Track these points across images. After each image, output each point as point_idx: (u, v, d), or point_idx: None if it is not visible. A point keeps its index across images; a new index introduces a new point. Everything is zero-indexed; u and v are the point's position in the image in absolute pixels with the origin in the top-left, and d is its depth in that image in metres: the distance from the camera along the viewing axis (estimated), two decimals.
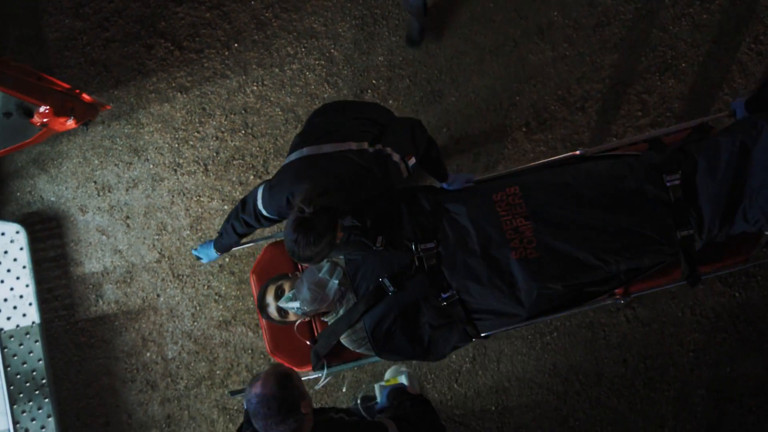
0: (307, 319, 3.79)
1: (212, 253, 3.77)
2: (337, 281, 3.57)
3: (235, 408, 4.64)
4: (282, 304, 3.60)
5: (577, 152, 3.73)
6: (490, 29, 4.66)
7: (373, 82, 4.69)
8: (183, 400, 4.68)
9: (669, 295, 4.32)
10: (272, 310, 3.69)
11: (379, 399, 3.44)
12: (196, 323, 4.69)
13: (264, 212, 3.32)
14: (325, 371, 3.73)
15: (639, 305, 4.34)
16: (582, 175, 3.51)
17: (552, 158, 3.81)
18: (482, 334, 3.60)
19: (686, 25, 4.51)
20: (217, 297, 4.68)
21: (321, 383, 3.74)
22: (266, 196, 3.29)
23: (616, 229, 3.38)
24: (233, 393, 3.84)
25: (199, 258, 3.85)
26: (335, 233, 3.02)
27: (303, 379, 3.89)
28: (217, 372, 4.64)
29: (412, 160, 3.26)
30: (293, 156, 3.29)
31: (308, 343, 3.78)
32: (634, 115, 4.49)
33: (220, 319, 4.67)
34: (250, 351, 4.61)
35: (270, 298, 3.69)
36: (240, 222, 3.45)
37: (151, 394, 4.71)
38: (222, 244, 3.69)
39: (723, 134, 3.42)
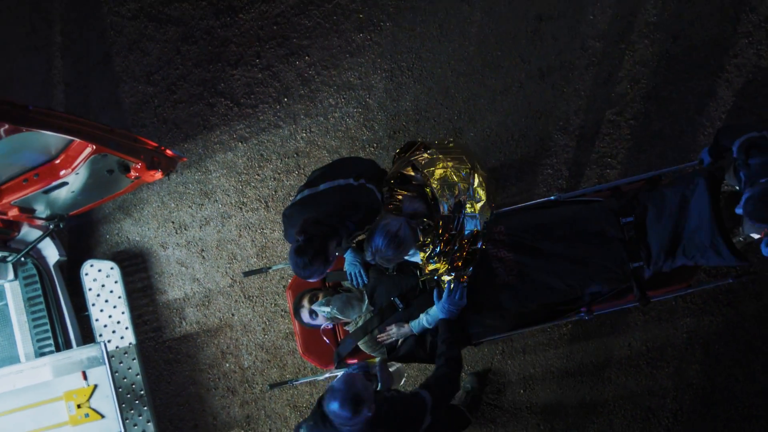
0: (330, 326, 4.65)
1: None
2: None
3: (304, 405, 5.48)
4: (315, 306, 4.46)
5: (552, 197, 4.60)
6: (499, 74, 5.55)
7: (403, 124, 5.58)
8: (259, 402, 5.53)
9: None
10: (305, 312, 4.55)
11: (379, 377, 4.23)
12: (266, 336, 5.55)
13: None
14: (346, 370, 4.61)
15: None
16: (555, 217, 4.38)
17: (532, 202, 4.68)
18: (473, 342, 4.45)
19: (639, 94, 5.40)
20: (283, 313, 5.54)
21: None
22: (285, 234, 4.12)
23: (580, 260, 4.23)
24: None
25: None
26: (326, 255, 3.74)
27: (326, 376, 4.94)
28: (287, 376, 5.49)
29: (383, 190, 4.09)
30: (297, 198, 4.13)
31: (332, 345, 4.67)
32: (624, 137, 5.36)
33: (287, 331, 5.53)
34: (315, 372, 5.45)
35: (305, 302, 4.55)
36: None
37: (232, 398, 5.56)
38: None
39: (668, 187, 4.27)
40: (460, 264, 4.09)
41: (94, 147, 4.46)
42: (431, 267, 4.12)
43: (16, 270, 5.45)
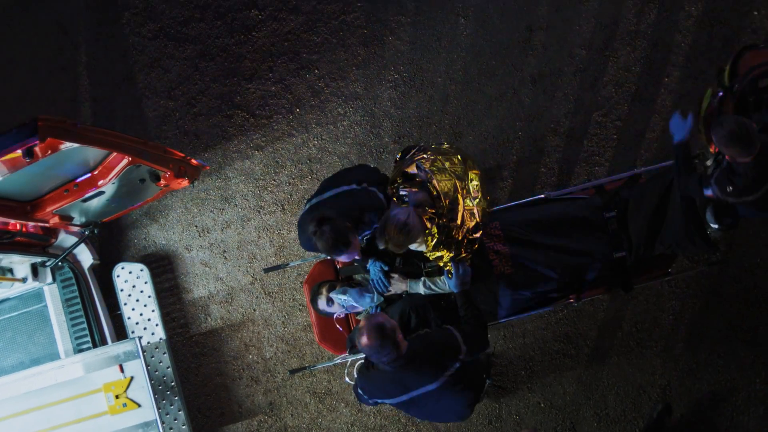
0: (343, 315, 5.12)
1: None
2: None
3: (322, 391, 5.94)
4: (332, 294, 4.93)
5: (542, 195, 5.07)
6: (494, 81, 6.03)
7: (407, 130, 6.06)
8: (281, 390, 5.99)
9: None
10: (322, 299, 5.00)
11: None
12: (286, 328, 6.02)
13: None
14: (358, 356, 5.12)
15: None
16: (545, 213, 4.85)
17: (524, 200, 5.15)
18: None
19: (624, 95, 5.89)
20: (300, 307, 6.01)
21: (357, 364, 5.06)
22: (300, 240, 4.60)
23: (569, 251, 4.70)
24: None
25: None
26: (344, 234, 4.21)
27: (337, 361, 5.41)
28: (306, 364, 5.95)
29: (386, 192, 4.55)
30: (306, 207, 4.60)
31: (345, 333, 5.15)
32: (609, 138, 5.85)
33: (304, 324, 5.99)
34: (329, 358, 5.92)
35: (323, 290, 5.01)
36: None
37: (255, 387, 6.02)
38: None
39: (647, 183, 4.75)
40: (462, 252, 4.54)
41: (130, 158, 4.91)
42: (436, 254, 4.57)
43: (54, 274, 5.91)
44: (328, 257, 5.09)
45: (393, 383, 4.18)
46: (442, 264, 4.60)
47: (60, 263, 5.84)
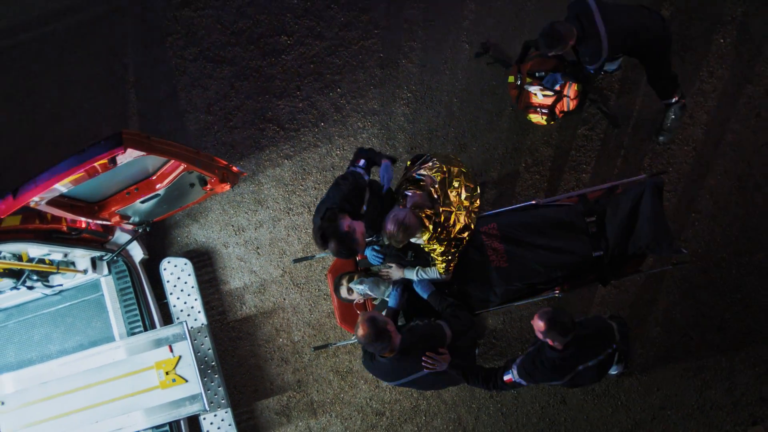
0: (362, 301, 6.00)
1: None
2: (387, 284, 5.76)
3: (344, 370, 6.77)
4: (351, 285, 5.80)
5: (533, 201, 5.86)
6: (494, 99, 6.91)
7: (419, 141, 6.93)
8: (308, 369, 6.82)
9: None
10: (343, 288, 5.89)
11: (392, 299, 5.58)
12: (312, 315, 6.86)
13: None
14: None
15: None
16: (536, 217, 5.63)
17: (517, 205, 5.91)
18: (476, 312, 5.72)
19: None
20: (325, 296, 6.85)
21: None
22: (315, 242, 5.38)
23: (556, 249, 5.50)
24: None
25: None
26: (336, 231, 4.86)
27: (354, 339, 6.28)
28: (329, 343, 6.78)
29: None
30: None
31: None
32: (592, 148, 6.73)
33: (328, 311, 6.83)
34: (348, 337, 6.77)
35: (344, 281, 5.90)
36: None
37: (285, 367, 6.85)
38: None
39: (622, 194, 5.56)
40: (452, 247, 5.32)
41: (185, 165, 5.76)
42: (430, 247, 5.35)
43: (110, 267, 6.74)
44: None
45: (393, 371, 5.07)
46: (435, 255, 5.37)
47: (115, 257, 6.66)
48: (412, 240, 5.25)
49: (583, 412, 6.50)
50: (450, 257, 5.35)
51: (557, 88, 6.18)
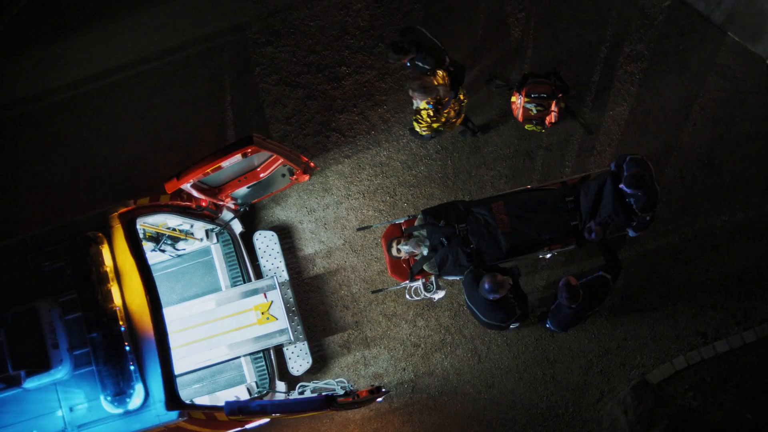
0: (407, 257, 8.33)
1: None
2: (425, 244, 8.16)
3: (391, 314, 9.12)
4: (400, 246, 8.16)
5: (528, 186, 8.29)
6: (486, 112, 9.32)
7: (447, 144, 9.31)
8: (363, 313, 9.16)
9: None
10: (394, 248, 8.26)
11: None
12: (366, 273, 9.20)
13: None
14: (414, 283, 8.38)
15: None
16: (531, 198, 8.01)
17: (518, 188, 8.30)
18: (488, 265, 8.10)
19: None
20: (376, 260, 9.19)
21: (417, 292, 8.34)
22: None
23: (545, 221, 7.87)
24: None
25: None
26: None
27: (401, 285, 8.58)
28: (379, 296, 9.13)
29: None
30: None
31: (407, 268, 8.35)
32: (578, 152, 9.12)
33: (379, 269, 9.16)
34: (395, 284, 9.14)
35: (394, 242, 8.25)
36: None
37: (345, 312, 9.20)
38: None
39: (592, 180, 7.90)
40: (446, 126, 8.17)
41: (282, 160, 8.12)
42: (423, 107, 8.06)
43: (218, 237, 9.09)
44: (397, 222, 8.39)
45: (483, 307, 7.37)
46: (422, 114, 8.08)
47: (222, 230, 9.03)
48: (415, 102, 7.98)
49: (567, 342, 8.83)
50: (426, 126, 8.15)
51: (548, 105, 8.56)
